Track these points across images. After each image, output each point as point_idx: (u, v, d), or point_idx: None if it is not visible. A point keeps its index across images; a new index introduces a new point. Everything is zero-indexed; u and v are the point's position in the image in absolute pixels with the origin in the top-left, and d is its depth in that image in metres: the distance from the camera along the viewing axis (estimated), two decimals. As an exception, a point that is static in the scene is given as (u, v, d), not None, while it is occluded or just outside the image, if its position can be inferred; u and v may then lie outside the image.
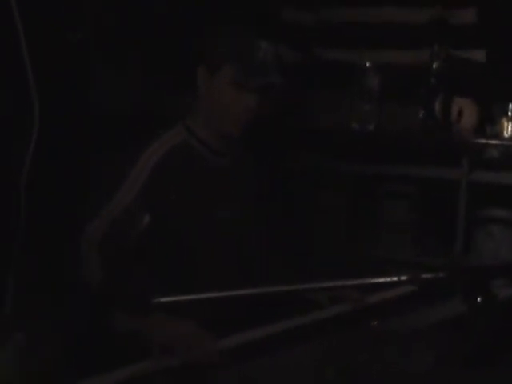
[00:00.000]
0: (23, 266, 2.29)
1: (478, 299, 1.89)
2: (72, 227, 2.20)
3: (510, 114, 2.81)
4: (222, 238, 2.14)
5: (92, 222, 2.01)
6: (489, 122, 2.87)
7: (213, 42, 2.16)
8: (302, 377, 1.70)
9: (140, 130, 2.26)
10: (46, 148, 2.23)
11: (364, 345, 1.86)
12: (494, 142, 2.86)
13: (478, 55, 3.00)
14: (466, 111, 2.85)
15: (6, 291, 2.26)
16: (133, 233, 2.11)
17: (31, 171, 2.15)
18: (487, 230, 3.07)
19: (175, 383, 1.76)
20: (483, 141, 2.87)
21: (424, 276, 1.87)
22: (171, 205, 2.06)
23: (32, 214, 2.15)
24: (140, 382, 1.70)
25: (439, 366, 1.86)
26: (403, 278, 1.88)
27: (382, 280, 1.94)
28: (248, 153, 2.31)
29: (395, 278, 1.89)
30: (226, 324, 1.84)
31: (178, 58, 2.87)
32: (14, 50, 2.26)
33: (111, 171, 2.10)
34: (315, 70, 3.26)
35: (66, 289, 2.13)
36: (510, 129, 2.82)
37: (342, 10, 3.20)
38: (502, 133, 2.83)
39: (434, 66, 2.83)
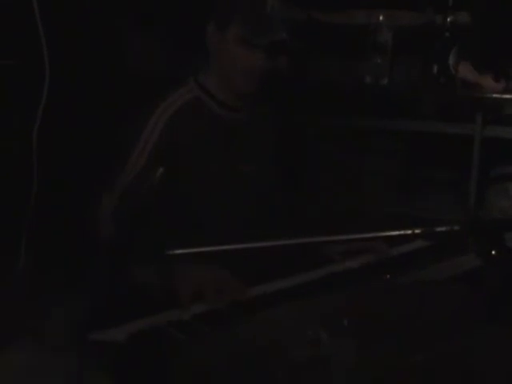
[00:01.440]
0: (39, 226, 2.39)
1: (493, 253, 1.90)
2: (88, 184, 2.26)
3: None
4: (238, 190, 2.16)
5: (107, 194, 2.03)
6: (503, 78, 2.89)
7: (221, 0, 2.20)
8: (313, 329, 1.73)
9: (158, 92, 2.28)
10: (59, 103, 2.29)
11: (377, 297, 1.89)
12: (508, 96, 2.86)
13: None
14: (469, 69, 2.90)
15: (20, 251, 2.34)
16: (146, 192, 2.16)
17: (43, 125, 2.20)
18: (502, 187, 3.09)
19: (204, 328, 1.73)
20: (497, 96, 2.87)
21: (438, 229, 1.87)
22: (184, 161, 2.08)
23: (46, 167, 2.20)
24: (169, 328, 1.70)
25: (454, 319, 1.81)
26: (417, 231, 1.87)
27: (396, 233, 1.90)
28: (264, 108, 2.32)
29: (409, 232, 1.87)
30: (243, 277, 1.86)
31: (190, 16, 2.84)
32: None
33: (125, 137, 2.11)
34: (327, 28, 3.27)
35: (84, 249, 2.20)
36: None
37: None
38: None
39: (449, 19, 2.84)
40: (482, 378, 1.35)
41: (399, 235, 1.89)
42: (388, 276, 2.05)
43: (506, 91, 2.86)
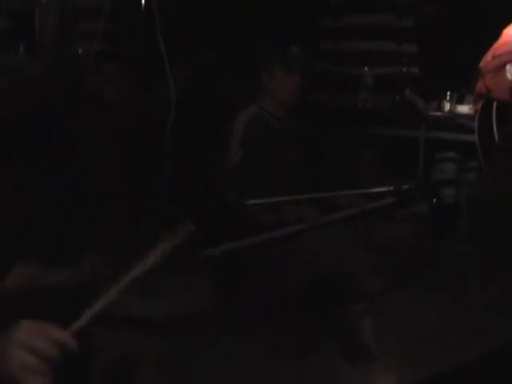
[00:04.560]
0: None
1: (434, 200, 2.55)
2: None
3: (447, 98, 4.61)
4: (282, 165, 3.31)
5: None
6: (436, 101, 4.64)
7: (266, 53, 3.51)
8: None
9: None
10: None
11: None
12: (438, 113, 4.60)
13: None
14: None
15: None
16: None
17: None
18: (440, 165, 4.50)
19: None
20: (433, 113, 4.62)
21: (404, 187, 2.48)
22: (255, 148, 3.28)
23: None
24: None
25: (415, 237, 2.33)
26: (390, 188, 2.48)
27: (376, 190, 2.54)
28: (296, 117, 3.49)
29: (385, 188, 2.49)
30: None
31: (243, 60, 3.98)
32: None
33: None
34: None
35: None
36: (447, 106, 4.62)
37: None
38: (443, 108, 4.64)
39: (404, 70, 4.70)
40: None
41: (378, 192, 2.53)
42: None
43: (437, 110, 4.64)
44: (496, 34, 3.57)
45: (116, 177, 3.00)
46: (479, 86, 3.53)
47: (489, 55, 3.51)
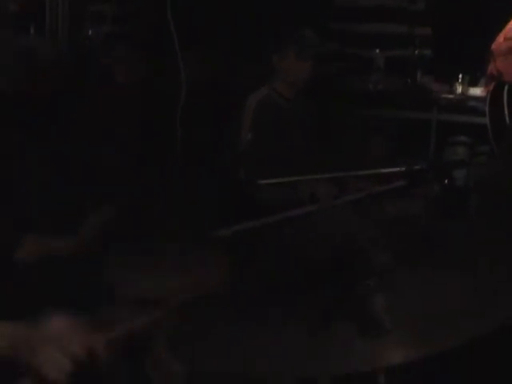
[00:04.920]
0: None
1: (445, 181, 2.52)
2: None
3: (459, 80, 4.63)
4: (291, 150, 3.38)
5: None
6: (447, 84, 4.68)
7: (278, 36, 3.54)
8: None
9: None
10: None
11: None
12: (450, 96, 4.66)
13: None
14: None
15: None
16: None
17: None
18: (452, 148, 4.42)
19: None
20: (445, 96, 4.66)
21: (415, 167, 2.46)
22: (266, 129, 3.33)
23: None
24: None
25: (426, 216, 2.37)
26: (402, 168, 2.46)
27: (387, 170, 2.54)
28: (306, 98, 3.56)
29: (397, 169, 2.47)
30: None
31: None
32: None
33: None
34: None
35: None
36: (459, 89, 4.65)
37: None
38: (455, 91, 4.67)
39: (416, 52, 4.72)
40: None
41: (389, 172, 2.53)
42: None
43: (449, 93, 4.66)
44: (508, 16, 3.54)
45: (126, 157, 3.06)
46: (490, 69, 3.53)
47: (500, 37, 3.48)
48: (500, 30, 3.62)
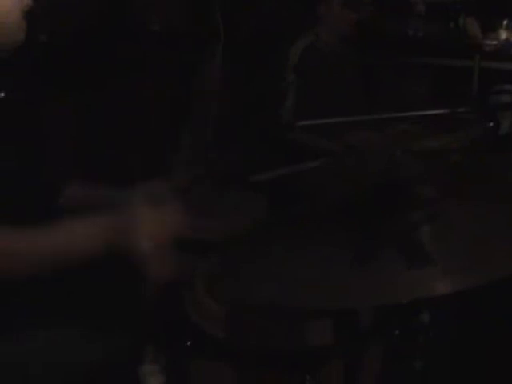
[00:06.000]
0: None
1: (490, 124, 2.66)
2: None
3: (503, 26, 4.49)
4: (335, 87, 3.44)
5: None
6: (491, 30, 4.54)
7: None
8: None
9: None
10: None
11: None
12: (494, 42, 4.50)
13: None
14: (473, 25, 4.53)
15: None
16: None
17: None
18: (496, 98, 4.28)
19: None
20: (488, 42, 4.54)
21: (460, 109, 2.44)
22: (309, 73, 3.41)
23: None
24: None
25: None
26: (446, 110, 2.37)
27: (431, 112, 2.43)
28: (349, 45, 3.61)
29: (441, 111, 2.38)
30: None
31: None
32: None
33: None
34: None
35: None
36: (504, 35, 4.50)
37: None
38: (500, 37, 4.53)
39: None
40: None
41: (433, 114, 2.44)
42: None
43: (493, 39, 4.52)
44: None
45: (160, 105, 3.07)
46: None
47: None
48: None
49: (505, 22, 4.51)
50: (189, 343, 1.52)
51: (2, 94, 1.68)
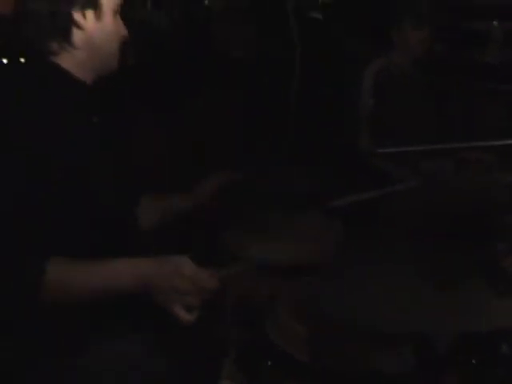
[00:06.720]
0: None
1: None
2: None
3: None
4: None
5: None
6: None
7: (395, 6, 3.61)
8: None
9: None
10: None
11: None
12: None
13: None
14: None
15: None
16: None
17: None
18: None
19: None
20: None
21: None
22: (386, 98, 3.41)
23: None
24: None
25: None
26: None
27: (507, 142, 2.37)
28: (423, 70, 3.59)
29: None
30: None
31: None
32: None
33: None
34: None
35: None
36: None
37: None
38: None
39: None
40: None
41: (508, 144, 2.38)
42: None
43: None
44: None
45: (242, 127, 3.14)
46: None
47: None
48: None
49: None
50: (269, 363, 1.54)
51: (96, 119, 1.76)
